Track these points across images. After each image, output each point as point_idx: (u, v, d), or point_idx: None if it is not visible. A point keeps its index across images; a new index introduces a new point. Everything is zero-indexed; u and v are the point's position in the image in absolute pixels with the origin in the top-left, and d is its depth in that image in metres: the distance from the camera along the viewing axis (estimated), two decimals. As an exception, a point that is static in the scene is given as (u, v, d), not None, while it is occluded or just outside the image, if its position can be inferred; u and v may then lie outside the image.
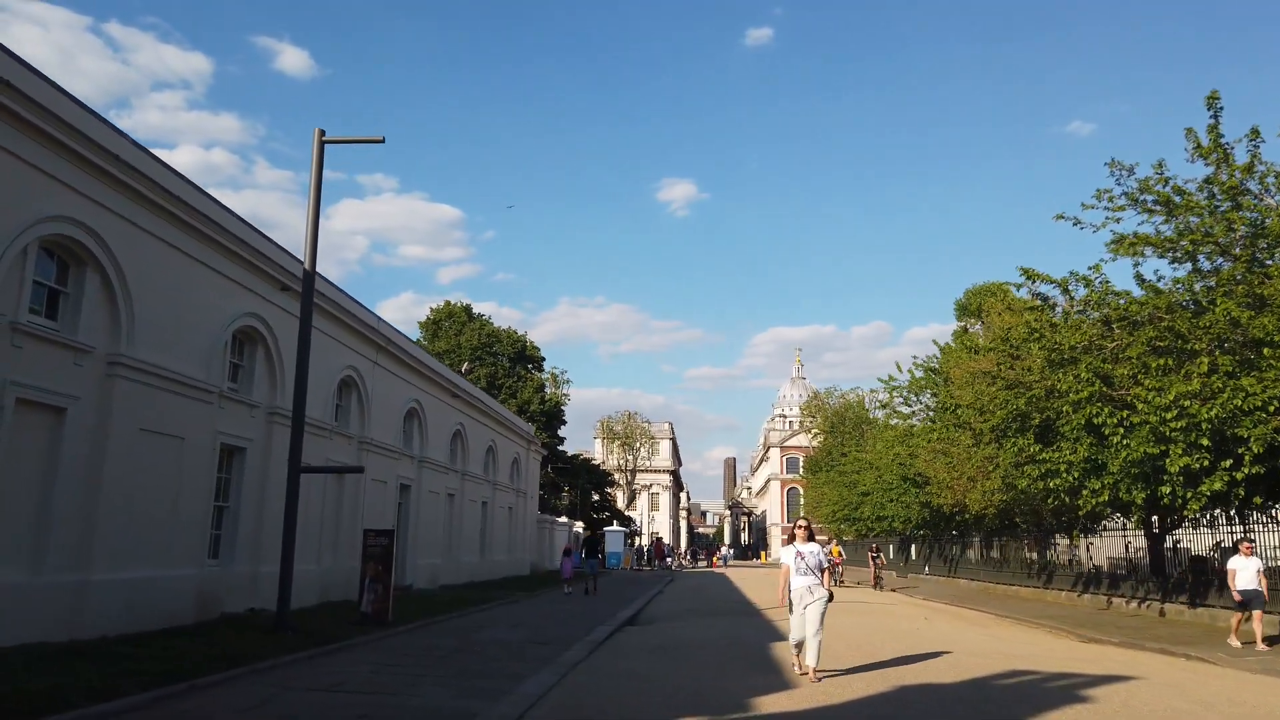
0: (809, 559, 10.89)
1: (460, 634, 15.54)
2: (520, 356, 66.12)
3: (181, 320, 15.26)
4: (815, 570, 10.85)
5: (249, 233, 17.11)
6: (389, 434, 25.31)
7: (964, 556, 41.22)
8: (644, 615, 21.73)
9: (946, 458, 32.70)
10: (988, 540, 39.18)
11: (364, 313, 22.89)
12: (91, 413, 13.21)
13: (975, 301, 58.72)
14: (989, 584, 35.33)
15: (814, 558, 10.91)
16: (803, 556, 10.91)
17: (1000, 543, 36.51)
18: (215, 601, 16.47)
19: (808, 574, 10.83)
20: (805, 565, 10.86)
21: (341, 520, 22.29)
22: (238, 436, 17.36)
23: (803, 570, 10.85)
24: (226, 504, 17.47)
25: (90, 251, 13.07)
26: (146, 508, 14.30)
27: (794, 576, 10.89)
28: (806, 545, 11.04)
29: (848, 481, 64.55)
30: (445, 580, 30.10)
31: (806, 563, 10.88)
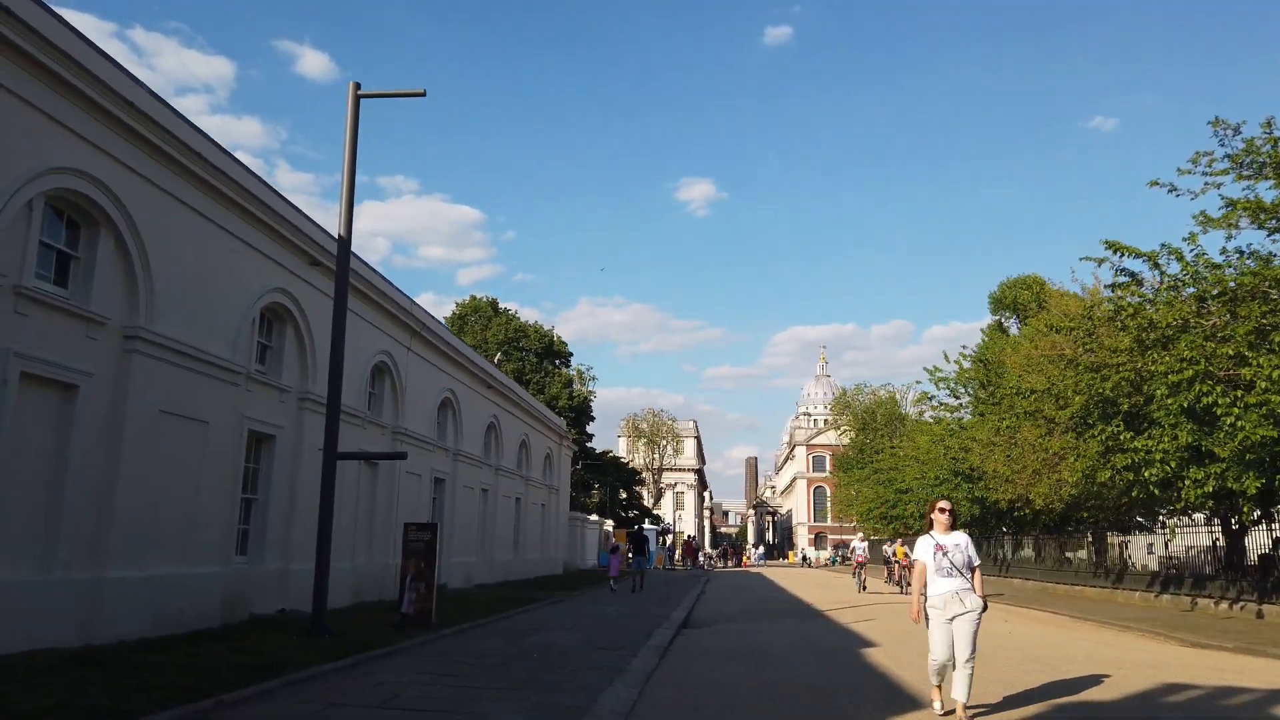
0: (954, 554, 7.95)
1: (512, 638, 14.08)
2: (547, 351, 64.78)
3: (205, 293, 13.89)
4: (964, 569, 7.90)
5: (277, 200, 15.74)
6: (423, 424, 23.93)
7: (1017, 555, 39.38)
8: (697, 616, 20.23)
9: (1005, 450, 30.96)
10: (1046, 537, 37.36)
11: (397, 294, 21.51)
12: (106, 391, 11.85)
13: (1011, 294, 56.91)
14: (1047, 584, 33.52)
15: (960, 553, 7.96)
16: (944, 551, 7.95)
17: (1060, 540, 34.71)
18: (243, 602, 15.10)
19: (953, 574, 7.88)
20: (949, 563, 7.91)
21: (376, 515, 20.91)
22: (266, 423, 15.98)
23: (946, 570, 7.90)
24: (255, 496, 16.10)
25: (103, 210, 11.70)
26: (168, 498, 12.94)
27: (933, 578, 7.98)
28: (949, 536, 8.09)
29: (884, 479, 62.80)
30: (480, 579, 28.71)
31: (951, 559, 7.92)
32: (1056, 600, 27.80)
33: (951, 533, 8.18)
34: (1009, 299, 56.34)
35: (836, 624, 18.09)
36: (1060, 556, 34.61)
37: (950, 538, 8.11)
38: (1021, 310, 55.68)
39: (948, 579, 7.89)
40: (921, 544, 8.22)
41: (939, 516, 8.25)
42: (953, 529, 8.22)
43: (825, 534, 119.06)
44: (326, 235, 17.52)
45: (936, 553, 8.02)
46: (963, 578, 7.88)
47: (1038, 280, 56.19)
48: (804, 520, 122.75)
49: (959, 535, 8.16)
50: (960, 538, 8.12)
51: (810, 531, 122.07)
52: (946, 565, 7.92)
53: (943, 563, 7.94)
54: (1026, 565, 37.41)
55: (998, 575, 39.82)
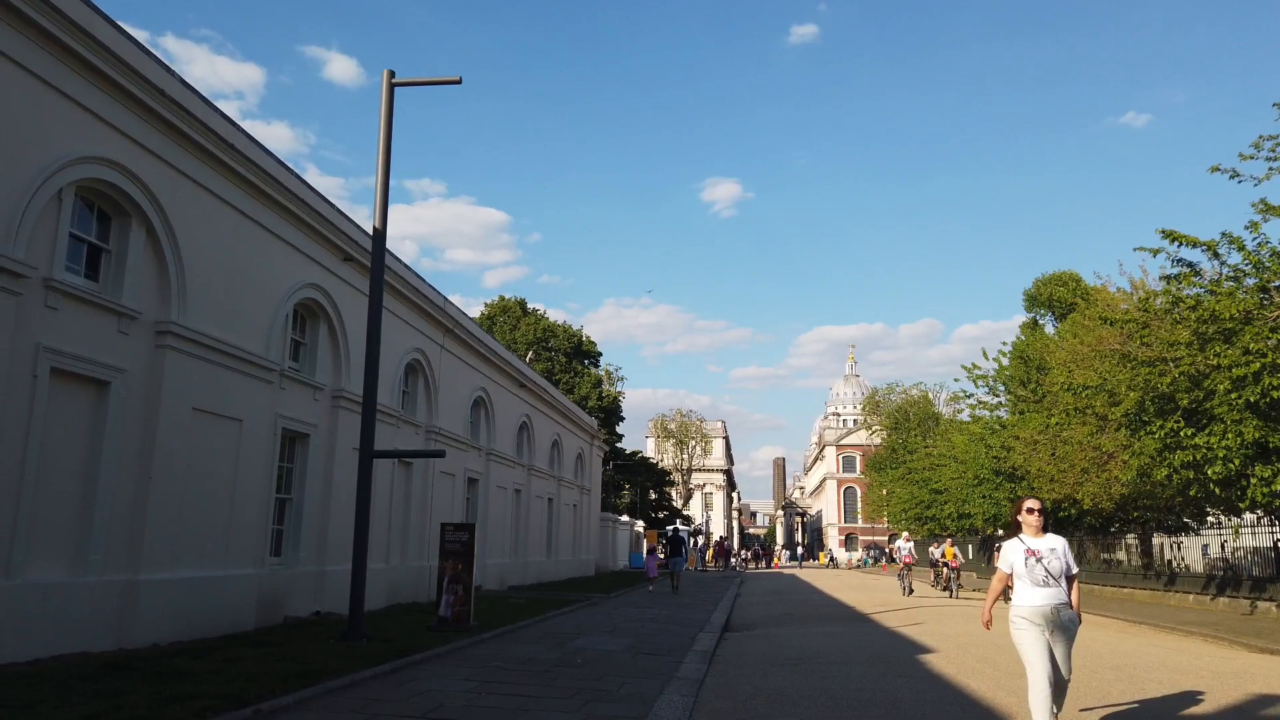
0: (1050, 560, 6.76)
1: (555, 642, 13.61)
2: (576, 351, 64.39)
3: (237, 288, 13.55)
4: (1060, 578, 6.75)
5: (309, 194, 15.38)
6: (457, 423, 23.55)
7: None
8: (738, 620, 19.67)
9: (1050, 448, 30.12)
10: (1089, 538, 36.38)
11: (430, 291, 21.14)
12: (139, 388, 11.51)
13: (1046, 291, 55.79)
14: (1092, 585, 32.59)
15: (1057, 559, 6.81)
16: (1038, 557, 6.77)
17: (1105, 541, 33.76)
18: (278, 604, 14.76)
19: (1048, 583, 6.72)
20: (1044, 571, 6.72)
21: (410, 516, 20.55)
22: (300, 421, 15.63)
23: (1040, 578, 6.72)
24: (289, 497, 15.76)
25: (134, 201, 11.36)
26: (202, 498, 12.60)
27: (1022, 587, 6.82)
28: (1042, 540, 6.92)
29: (918, 479, 61.80)
30: (513, 581, 28.31)
31: (1046, 567, 6.72)
32: (1105, 603, 26.93)
33: (1044, 536, 6.99)
34: (1044, 296, 55.23)
35: (885, 628, 17.45)
36: (1106, 558, 33.66)
37: (1043, 541, 6.93)
38: (1057, 307, 54.63)
39: (1042, 589, 6.72)
40: (1010, 549, 7.05)
41: (1029, 518, 7.04)
42: (1045, 531, 7.05)
43: (855, 535, 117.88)
44: (360, 230, 17.17)
45: (1028, 559, 6.81)
46: (1059, 587, 6.74)
47: (1073, 276, 55.11)
48: (834, 521, 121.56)
49: (1054, 539, 7.01)
50: (1056, 542, 7.00)
51: (840, 533, 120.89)
52: (1041, 574, 6.74)
53: (1036, 571, 6.75)
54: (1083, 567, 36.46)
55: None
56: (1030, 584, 6.78)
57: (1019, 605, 6.83)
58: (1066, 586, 6.80)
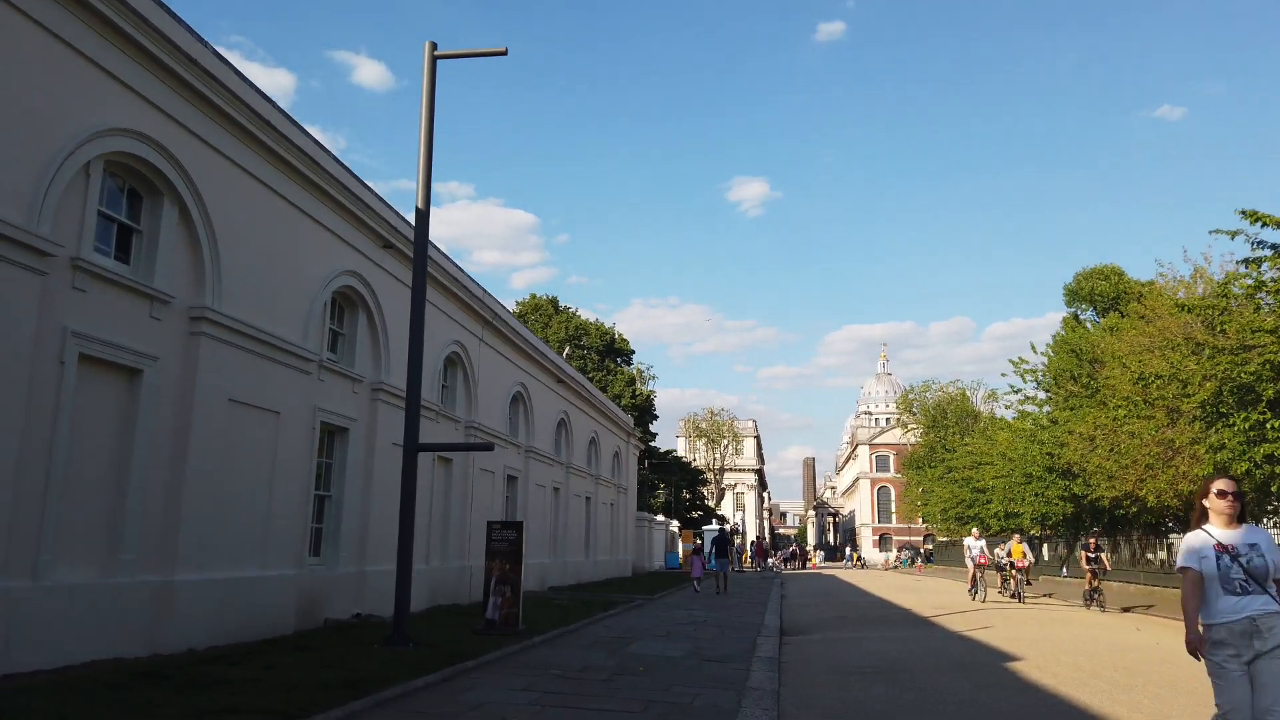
0: (1250, 559, 5.16)
1: (610, 647, 12.81)
2: (609, 349, 63.68)
3: (274, 273, 12.87)
4: (1267, 582, 5.12)
5: (348, 177, 14.69)
6: (496, 419, 22.84)
7: (1116, 557, 37.03)
8: (792, 623, 18.76)
9: (1109, 444, 28.89)
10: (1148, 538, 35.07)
11: (469, 281, 20.44)
12: (173, 377, 10.85)
13: (1088, 285, 54.35)
14: (1152, 587, 31.27)
15: (1261, 557, 5.15)
16: (1233, 554, 5.17)
17: (1168, 541, 32.43)
18: (317, 606, 14.08)
19: (1248, 590, 5.11)
20: (1241, 572, 5.13)
21: (450, 514, 19.85)
22: (339, 414, 14.95)
23: (1237, 583, 5.12)
24: (328, 494, 15.09)
25: (167, 179, 10.69)
26: (239, 495, 11.92)
27: (1215, 594, 5.18)
28: (1237, 532, 5.29)
29: (959, 478, 60.42)
30: (553, 582, 27.58)
31: (1248, 566, 5.13)
32: (1172, 606, 25.67)
33: (1240, 527, 5.32)
34: (1085, 290, 53.74)
35: (952, 633, 16.47)
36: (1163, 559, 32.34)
37: (1240, 534, 5.27)
38: (1099, 301, 53.09)
39: (1239, 597, 5.08)
40: (1194, 544, 5.35)
41: (1218, 503, 5.34)
42: (1240, 521, 5.34)
43: (890, 535, 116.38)
44: (399, 217, 16.48)
45: (1220, 557, 5.19)
46: (1265, 595, 5.08)
47: (1115, 270, 53.60)
48: (867, 521, 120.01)
49: (1257, 531, 5.36)
50: (1260, 535, 5.32)
51: (874, 532, 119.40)
52: (1238, 576, 5.11)
53: (1231, 572, 5.13)
54: (1126, 568, 35.07)
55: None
56: (1223, 590, 5.14)
57: (1210, 619, 5.22)
58: (1274, 593, 5.10)
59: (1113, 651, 13.49)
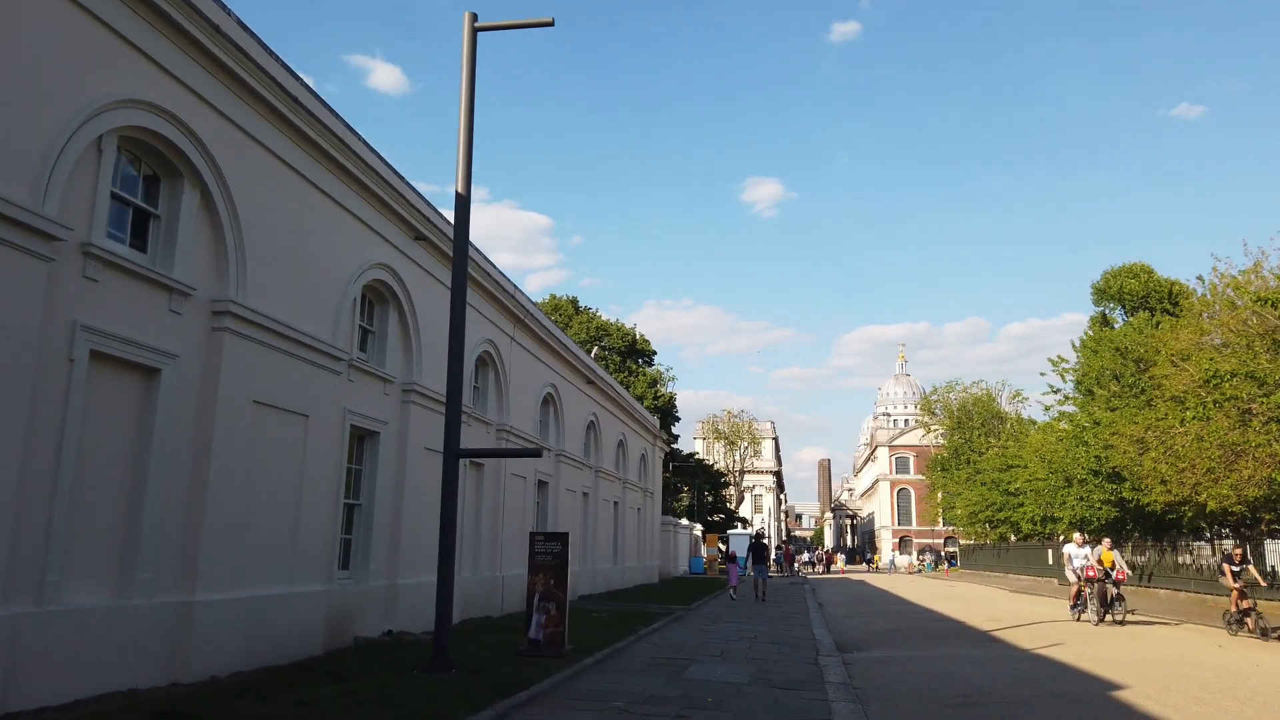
0: None
1: (667, 671, 11.75)
2: (631, 350, 62.62)
3: (303, 265, 11.88)
4: None
5: (378, 162, 13.69)
6: (527, 422, 21.81)
7: (1162, 562, 35.66)
8: (844, 637, 17.64)
9: (1163, 447, 27.60)
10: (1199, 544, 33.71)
11: (500, 275, 19.42)
12: (194, 377, 9.86)
13: (1116, 284, 52.96)
14: (1205, 595, 29.95)
15: None
16: None
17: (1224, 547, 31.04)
18: (347, 623, 13.08)
19: None
20: None
21: (481, 522, 18.83)
22: (369, 417, 13.95)
23: None
24: (358, 502, 14.09)
25: (186, 158, 9.70)
26: (265, 505, 10.92)
27: None
28: None
29: (988, 480, 59.04)
30: (583, 590, 26.52)
31: None
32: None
33: None
34: (1114, 289, 52.34)
35: (1027, 651, 15.31)
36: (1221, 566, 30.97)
37: None
38: (1129, 300, 51.68)
39: None
40: None
41: None
42: None
43: (910, 538, 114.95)
44: (431, 208, 15.47)
45: None
46: None
47: (1144, 268, 52.13)
48: (887, 524, 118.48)
49: None
50: None
51: (894, 535, 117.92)
52: None
53: None
54: (1174, 575, 33.69)
55: (1139, 585, 36.16)
56: None
57: None
58: None
59: (1224, 675, 12.30)
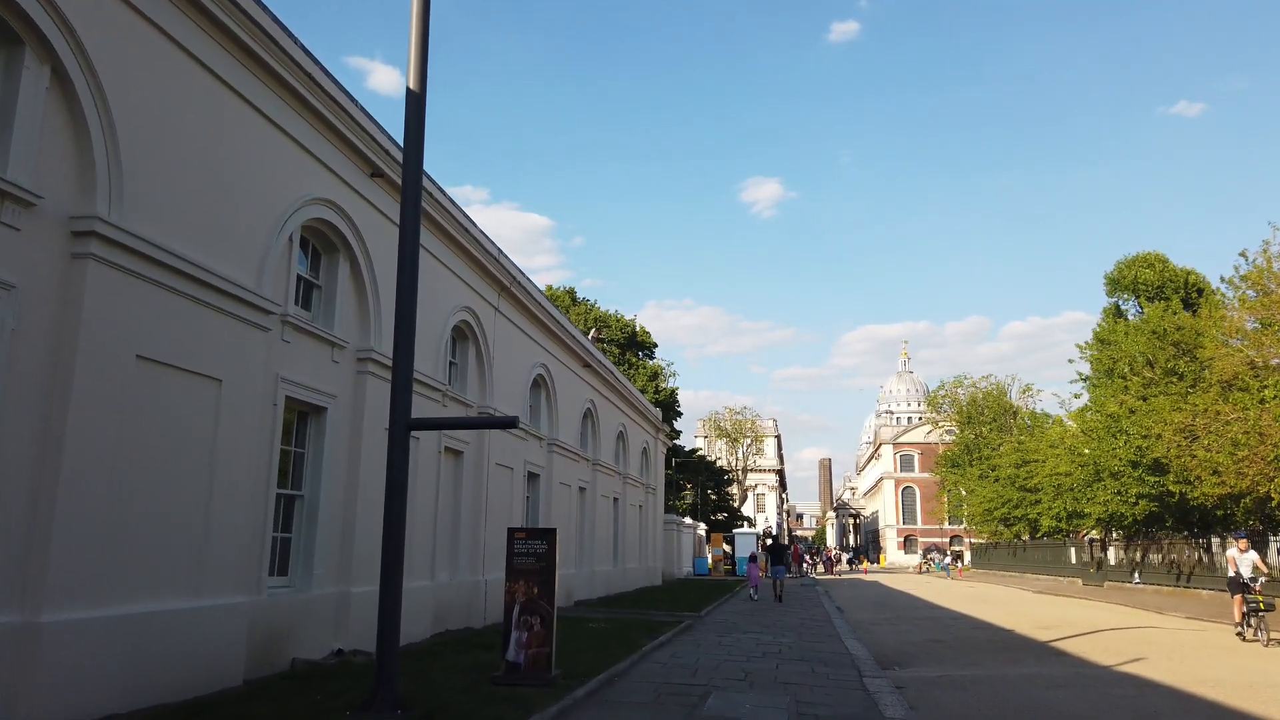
0: None
1: (680, 703, 9.18)
2: (630, 342, 60.07)
3: (217, 190, 9.31)
4: None
5: (325, 78, 11.12)
6: (514, 405, 19.24)
7: (1205, 561, 33.10)
8: (880, 649, 15.12)
9: (1222, 435, 25.07)
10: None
11: (484, 237, 16.85)
12: (42, 317, 7.29)
13: (1130, 274, 50.84)
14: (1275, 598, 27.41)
15: None
16: None
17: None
18: (282, 644, 10.51)
19: None
20: None
21: (460, 518, 16.27)
22: (313, 389, 11.37)
23: None
24: (299, 493, 11.51)
25: (25, 16, 7.13)
26: (155, 493, 8.35)
27: None
28: None
29: (1004, 476, 56.53)
30: (580, 595, 23.96)
31: None
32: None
33: None
34: (1128, 279, 50.16)
35: (1107, 669, 12.77)
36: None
37: None
38: (1143, 290, 49.48)
39: None
40: None
41: None
42: None
43: (915, 537, 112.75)
44: (392, 141, 12.89)
45: None
46: None
47: (1159, 257, 49.95)
48: (892, 523, 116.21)
49: None
50: None
51: (899, 534, 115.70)
52: None
53: None
54: (1220, 574, 31.09)
55: (1175, 586, 33.58)
56: None
57: None
58: None
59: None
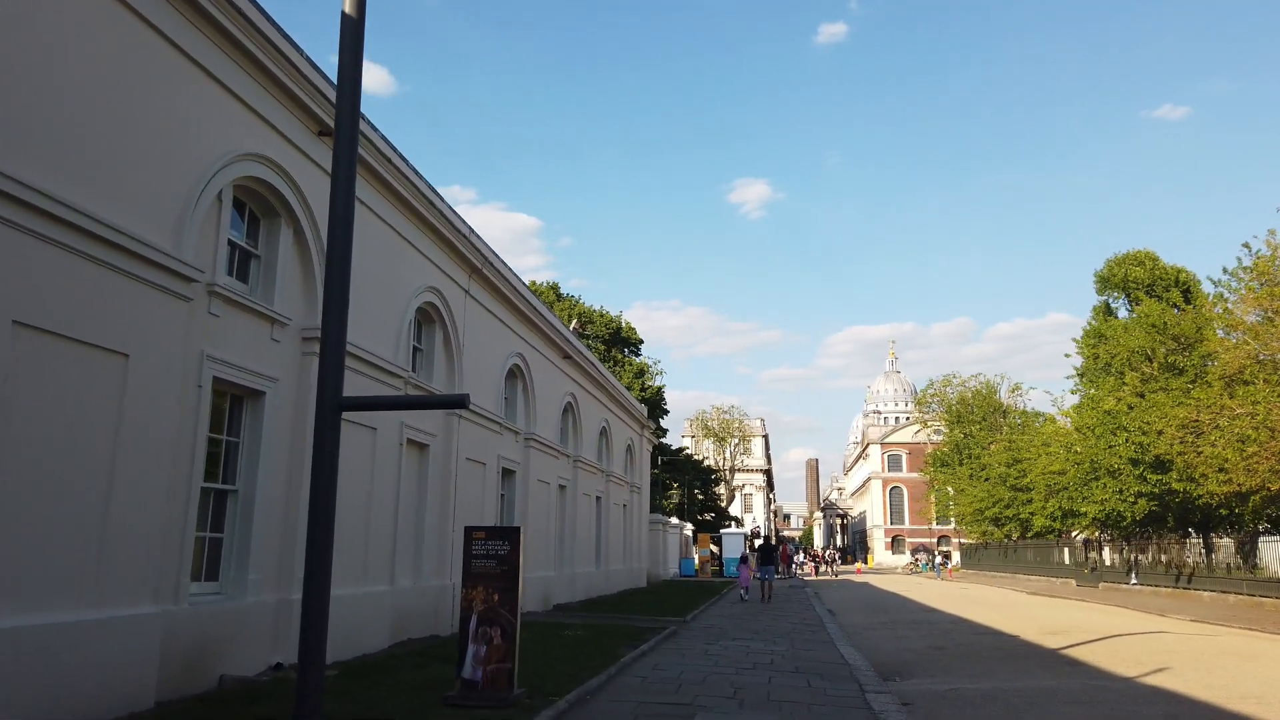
0: None
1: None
2: (616, 339, 58.84)
3: (124, 136, 8.03)
4: None
5: (268, 26, 9.84)
6: (487, 396, 17.97)
7: (1205, 562, 32.13)
8: (879, 657, 13.98)
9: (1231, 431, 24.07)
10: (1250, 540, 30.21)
11: (452, 214, 15.58)
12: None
13: (1120, 272, 50.35)
14: (1261, 597, 26.46)
15: None
16: None
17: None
18: (209, 659, 9.22)
19: None
20: None
21: (425, 517, 14.99)
22: (248, 371, 10.09)
23: None
24: (234, 488, 10.22)
25: None
26: (37, 485, 7.06)
27: None
28: None
29: (995, 475, 55.65)
30: (559, 599, 22.71)
31: None
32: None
33: None
34: (1118, 277, 49.57)
35: (1130, 680, 11.63)
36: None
37: None
38: (1134, 288, 48.86)
39: None
40: None
41: None
42: None
43: (902, 537, 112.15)
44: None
45: None
46: None
47: (1150, 255, 49.42)
48: (879, 523, 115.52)
49: None
50: None
51: (886, 534, 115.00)
52: None
53: None
54: (1219, 577, 30.11)
55: (1175, 587, 32.59)
56: None
57: None
58: None
59: None
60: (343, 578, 11.82)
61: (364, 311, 12.45)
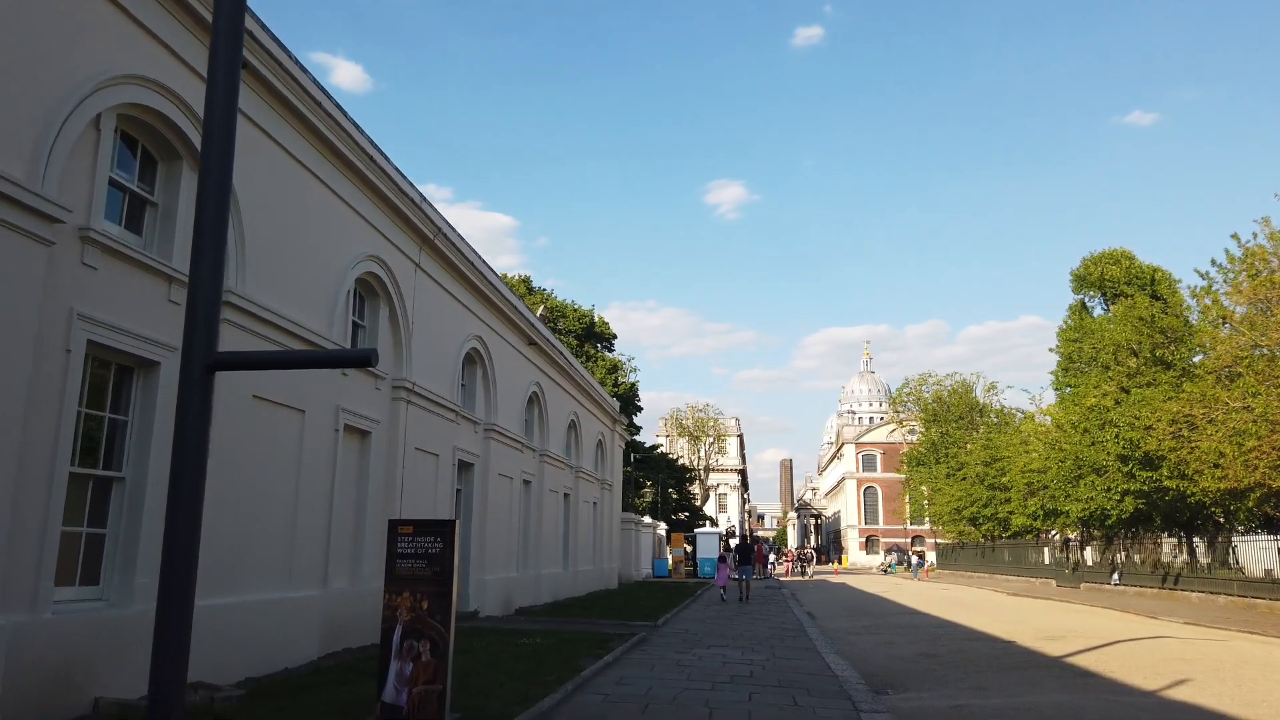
0: None
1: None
2: (589, 334, 57.33)
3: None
4: None
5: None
6: (441, 381, 16.42)
7: (1194, 562, 31.16)
8: (867, 667, 12.63)
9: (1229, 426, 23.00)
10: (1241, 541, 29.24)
11: (400, 177, 14.05)
12: None
13: (1097, 270, 49.64)
14: (1254, 599, 25.48)
15: None
16: None
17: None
18: (81, 677, 7.67)
19: None
20: None
21: (366, 514, 13.44)
22: (136, 337, 8.52)
23: None
24: (119, 474, 8.64)
25: None
26: None
27: None
28: None
29: (972, 474, 54.82)
30: (522, 602, 21.20)
31: None
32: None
33: None
34: (1094, 276, 48.82)
35: (1151, 694, 10.35)
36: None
37: None
38: (1109, 287, 48.19)
39: None
40: None
41: None
42: None
43: (877, 537, 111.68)
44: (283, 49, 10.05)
45: None
46: None
47: (1126, 254, 48.75)
48: (854, 523, 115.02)
49: None
50: None
51: (861, 534, 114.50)
52: None
53: None
54: (1206, 577, 29.13)
55: (1160, 588, 31.63)
56: None
57: None
58: None
59: None
60: (262, 581, 10.31)
61: (288, 276, 10.91)
